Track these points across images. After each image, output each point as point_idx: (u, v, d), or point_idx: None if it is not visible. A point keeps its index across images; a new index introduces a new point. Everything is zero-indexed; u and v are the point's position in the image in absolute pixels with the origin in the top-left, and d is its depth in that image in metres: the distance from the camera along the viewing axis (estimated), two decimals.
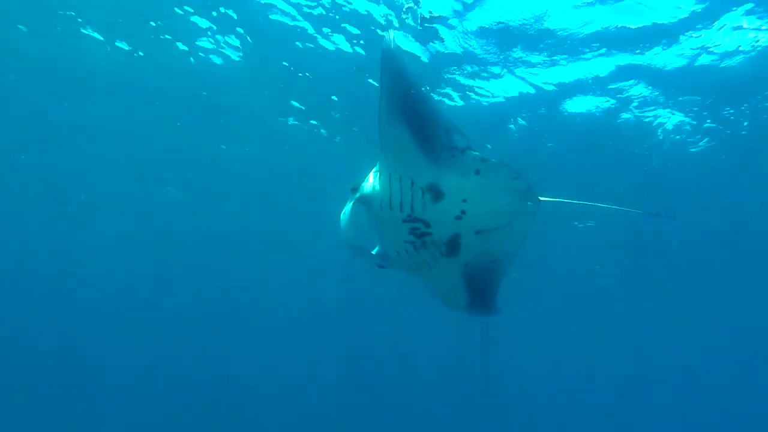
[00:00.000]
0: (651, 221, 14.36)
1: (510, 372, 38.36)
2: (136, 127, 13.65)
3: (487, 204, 3.58)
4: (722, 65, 8.79)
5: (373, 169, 3.86)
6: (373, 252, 4.07)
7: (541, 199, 3.65)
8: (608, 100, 10.14)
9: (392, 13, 8.43)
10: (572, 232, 16.30)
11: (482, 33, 8.64)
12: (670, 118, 10.52)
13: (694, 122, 10.57)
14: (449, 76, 9.84)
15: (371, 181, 3.82)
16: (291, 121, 12.41)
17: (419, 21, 8.38)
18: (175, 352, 37.55)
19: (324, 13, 8.68)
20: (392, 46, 3.19)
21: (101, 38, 10.13)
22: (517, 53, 9.07)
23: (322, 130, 12.68)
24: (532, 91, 10.09)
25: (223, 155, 14.83)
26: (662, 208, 13.16)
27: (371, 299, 25.96)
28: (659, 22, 8.10)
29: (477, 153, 3.49)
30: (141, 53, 10.41)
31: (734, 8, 7.65)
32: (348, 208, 3.82)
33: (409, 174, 3.56)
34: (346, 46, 9.43)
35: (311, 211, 16.75)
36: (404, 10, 8.24)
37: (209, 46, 9.96)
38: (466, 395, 39.49)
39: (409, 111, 3.32)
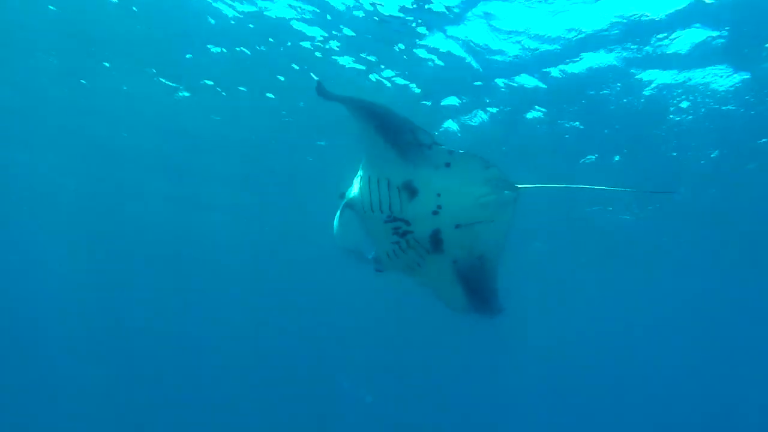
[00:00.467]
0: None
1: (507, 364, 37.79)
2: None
3: (462, 196, 3.61)
4: None
5: (356, 175, 3.98)
6: (369, 257, 4.12)
7: (519, 186, 3.60)
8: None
9: None
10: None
11: None
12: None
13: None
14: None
15: (355, 186, 3.95)
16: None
17: None
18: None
19: None
20: (323, 87, 3.43)
21: None
22: None
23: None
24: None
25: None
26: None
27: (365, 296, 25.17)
28: None
29: (444, 147, 3.56)
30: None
31: None
32: (338, 214, 3.93)
33: (386, 175, 3.69)
34: None
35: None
36: None
37: None
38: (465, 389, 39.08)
39: (368, 116, 3.49)
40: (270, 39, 9.44)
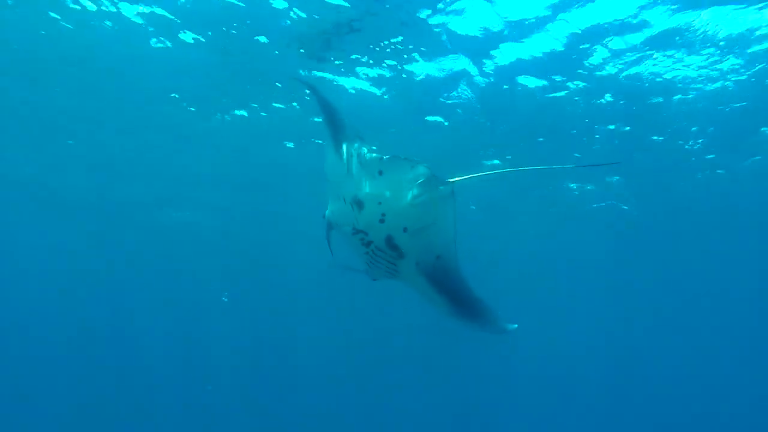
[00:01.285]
0: None
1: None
2: None
3: (399, 201, 3.62)
4: None
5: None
6: (362, 268, 4.31)
7: (451, 180, 3.62)
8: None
9: None
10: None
11: None
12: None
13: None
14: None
15: (328, 207, 4.15)
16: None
17: None
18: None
19: None
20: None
21: None
22: None
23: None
24: None
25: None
26: None
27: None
28: None
29: (376, 155, 3.61)
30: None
31: None
32: (326, 234, 4.15)
33: (341, 192, 3.84)
34: None
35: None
36: None
37: None
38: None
39: (327, 110, 3.73)
40: None
